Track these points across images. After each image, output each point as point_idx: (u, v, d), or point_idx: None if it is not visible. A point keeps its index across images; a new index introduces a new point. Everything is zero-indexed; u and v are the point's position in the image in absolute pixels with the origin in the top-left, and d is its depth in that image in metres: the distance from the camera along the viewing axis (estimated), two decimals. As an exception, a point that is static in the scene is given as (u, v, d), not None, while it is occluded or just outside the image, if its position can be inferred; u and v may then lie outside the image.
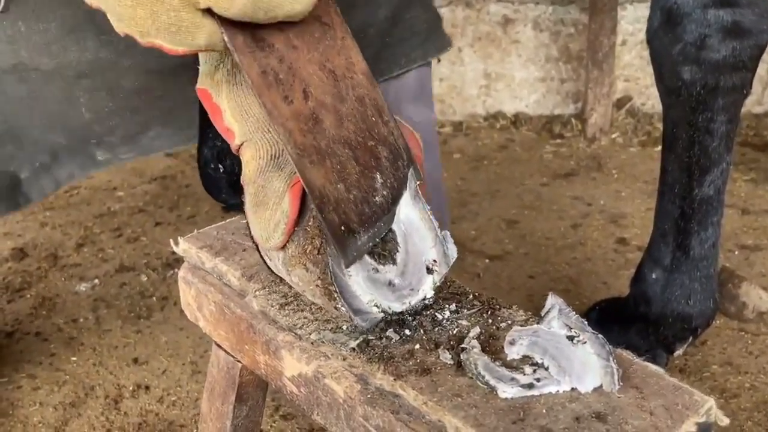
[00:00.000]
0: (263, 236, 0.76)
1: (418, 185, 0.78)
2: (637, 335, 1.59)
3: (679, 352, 1.61)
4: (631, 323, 1.60)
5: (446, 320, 0.78)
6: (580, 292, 1.97)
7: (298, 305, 0.82)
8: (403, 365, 0.71)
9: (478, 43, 3.16)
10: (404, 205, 0.76)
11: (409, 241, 0.77)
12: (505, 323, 0.77)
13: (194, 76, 0.78)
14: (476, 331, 0.75)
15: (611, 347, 0.68)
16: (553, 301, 0.72)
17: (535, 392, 0.66)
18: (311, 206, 0.73)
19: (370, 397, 0.69)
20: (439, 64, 3.06)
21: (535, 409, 0.65)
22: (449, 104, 3.24)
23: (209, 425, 1.03)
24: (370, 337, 0.75)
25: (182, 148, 1.50)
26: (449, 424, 0.64)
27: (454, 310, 0.79)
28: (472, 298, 0.82)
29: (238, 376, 0.96)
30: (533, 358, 0.71)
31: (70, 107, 1.28)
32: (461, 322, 0.77)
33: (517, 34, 3.13)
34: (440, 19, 1.51)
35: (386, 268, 0.76)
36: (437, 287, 0.79)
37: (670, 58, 1.37)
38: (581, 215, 2.40)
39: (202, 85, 0.76)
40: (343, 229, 0.72)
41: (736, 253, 2.13)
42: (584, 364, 0.67)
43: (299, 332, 0.78)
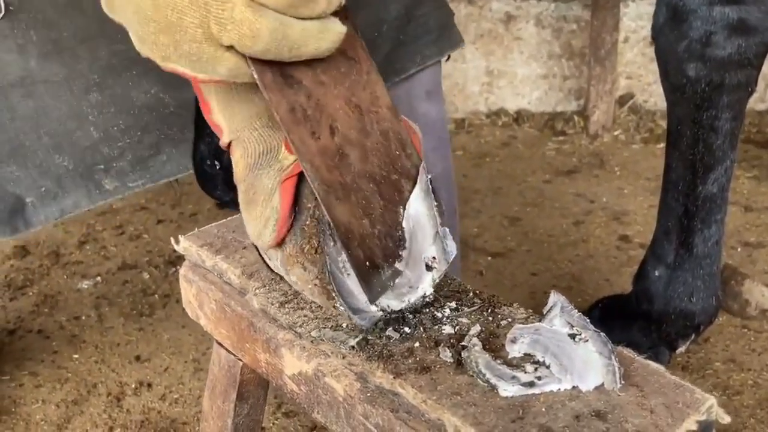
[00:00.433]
0: (255, 233, 0.76)
1: (429, 179, 0.77)
2: (639, 332, 1.59)
3: (681, 349, 1.60)
4: (633, 320, 1.60)
5: (446, 318, 0.77)
6: (582, 289, 1.97)
7: (298, 303, 0.82)
8: (402, 363, 0.71)
9: (480, 40, 3.15)
10: (414, 200, 0.76)
11: (413, 238, 0.76)
12: (505, 321, 0.77)
13: None
14: (477, 329, 0.75)
15: (613, 345, 0.68)
16: (555, 298, 0.72)
17: (536, 391, 0.66)
18: (309, 205, 0.73)
19: (369, 395, 0.69)
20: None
21: (534, 407, 0.64)
22: (451, 101, 3.23)
23: (210, 423, 1.04)
24: (369, 335, 0.75)
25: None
26: (448, 422, 0.64)
27: (454, 307, 0.79)
28: (472, 295, 0.81)
29: (239, 374, 0.95)
30: (534, 356, 0.70)
31: (77, 125, 1.26)
32: (461, 320, 0.77)
33: (519, 31, 3.13)
34: (452, 14, 1.49)
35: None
36: (436, 285, 0.79)
37: (675, 54, 1.36)
38: (584, 212, 2.40)
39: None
40: (368, 264, 0.71)
41: (738, 250, 2.12)
42: (586, 362, 0.67)
43: (299, 330, 0.78)
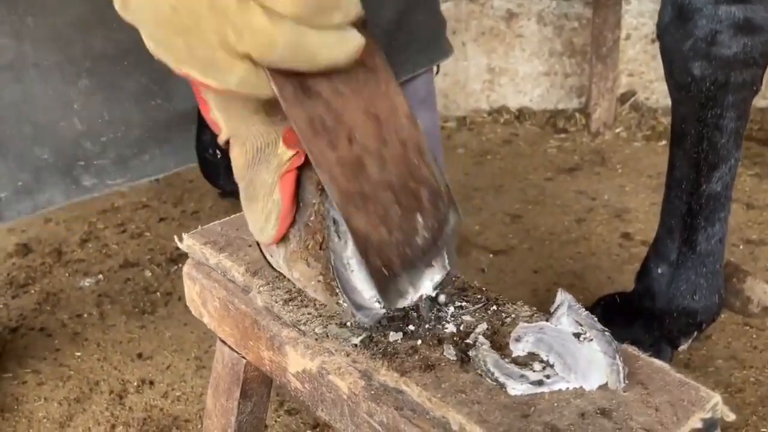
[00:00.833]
0: (257, 228, 0.76)
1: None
2: (641, 330, 1.59)
3: (683, 346, 1.60)
4: (635, 318, 1.60)
5: (450, 316, 0.77)
6: (584, 286, 1.96)
7: (302, 301, 0.82)
8: (407, 361, 0.71)
9: (481, 37, 3.15)
10: None
11: None
12: (509, 319, 0.77)
13: None
14: (483, 327, 0.75)
15: (618, 345, 0.68)
16: (562, 297, 0.72)
17: (545, 389, 0.66)
18: (313, 201, 0.73)
19: (374, 393, 0.69)
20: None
21: (539, 405, 0.64)
22: (453, 99, 3.23)
23: (214, 421, 1.04)
24: (373, 333, 0.75)
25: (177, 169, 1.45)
26: (453, 420, 0.64)
27: (458, 305, 0.79)
28: (476, 293, 0.81)
29: (242, 372, 0.96)
30: (539, 355, 0.70)
31: (62, 115, 1.24)
32: (465, 317, 0.77)
33: (520, 28, 3.12)
34: (444, 23, 1.49)
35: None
36: (437, 284, 0.79)
37: (680, 53, 1.36)
38: (585, 210, 2.40)
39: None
40: (385, 272, 0.71)
41: (740, 247, 2.12)
42: (590, 361, 0.67)
43: (303, 328, 0.78)
